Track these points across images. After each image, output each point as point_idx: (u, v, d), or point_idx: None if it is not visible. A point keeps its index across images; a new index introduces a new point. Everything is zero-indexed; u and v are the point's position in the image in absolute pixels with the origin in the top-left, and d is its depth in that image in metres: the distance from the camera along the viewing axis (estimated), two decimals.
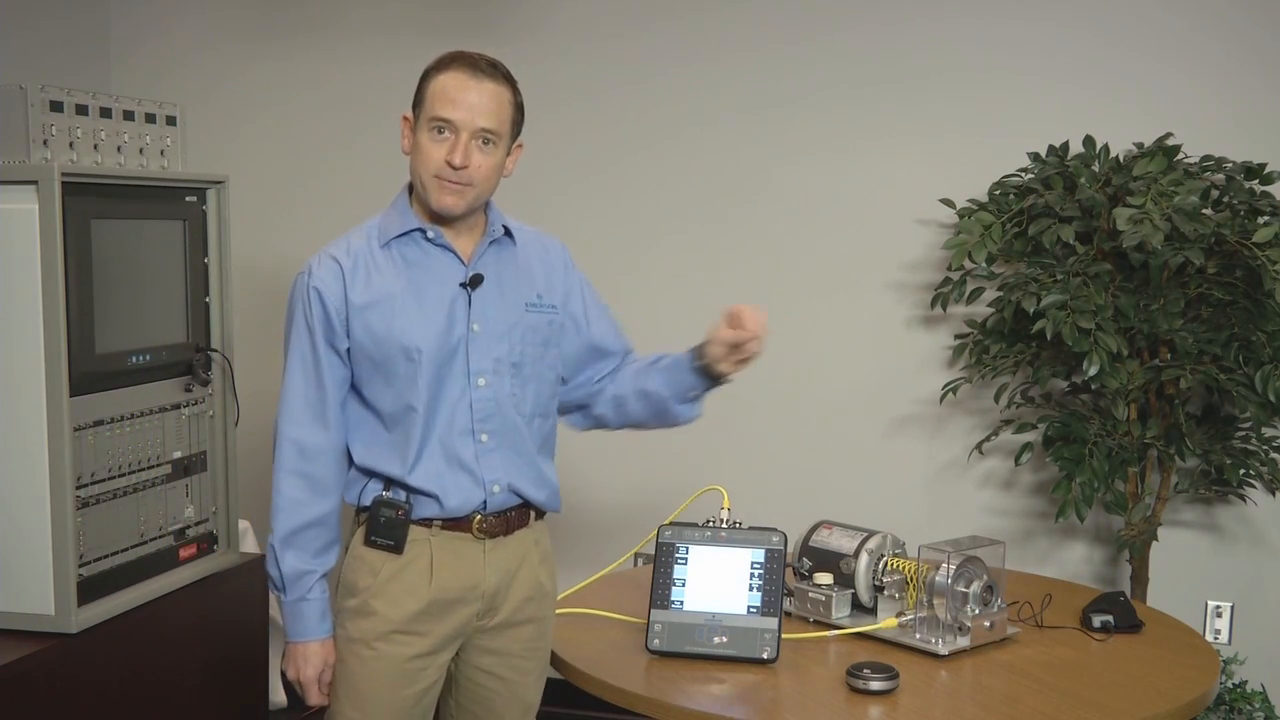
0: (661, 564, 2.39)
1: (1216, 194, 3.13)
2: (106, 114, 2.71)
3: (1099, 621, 2.51)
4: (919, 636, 2.39)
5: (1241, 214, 3.07)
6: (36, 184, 2.43)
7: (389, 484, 2.15)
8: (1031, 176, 3.28)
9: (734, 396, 3.72)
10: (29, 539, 2.48)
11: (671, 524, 2.44)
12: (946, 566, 2.37)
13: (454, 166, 2.08)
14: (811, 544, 2.61)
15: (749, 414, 3.72)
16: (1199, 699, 2.22)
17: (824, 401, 3.68)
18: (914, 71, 3.54)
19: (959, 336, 3.39)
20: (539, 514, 2.28)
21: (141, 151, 2.81)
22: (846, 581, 2.53)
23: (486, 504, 2.17)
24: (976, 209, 3.24)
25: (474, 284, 2.16)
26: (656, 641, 2.34)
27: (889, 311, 3.62)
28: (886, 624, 2.45)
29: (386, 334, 2.11)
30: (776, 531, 2.41)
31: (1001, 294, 3.22)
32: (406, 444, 2.13)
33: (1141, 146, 3.21)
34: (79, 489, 2.52)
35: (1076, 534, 3.53)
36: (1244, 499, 3.26)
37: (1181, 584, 3.39)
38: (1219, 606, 3.45)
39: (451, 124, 2.08)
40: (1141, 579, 3.27)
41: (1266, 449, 3.13)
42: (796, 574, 2.61)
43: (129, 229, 2.66)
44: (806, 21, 3.61)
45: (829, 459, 3.67)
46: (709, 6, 3.67)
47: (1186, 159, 3.18)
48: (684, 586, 2.37)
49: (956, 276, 3.29)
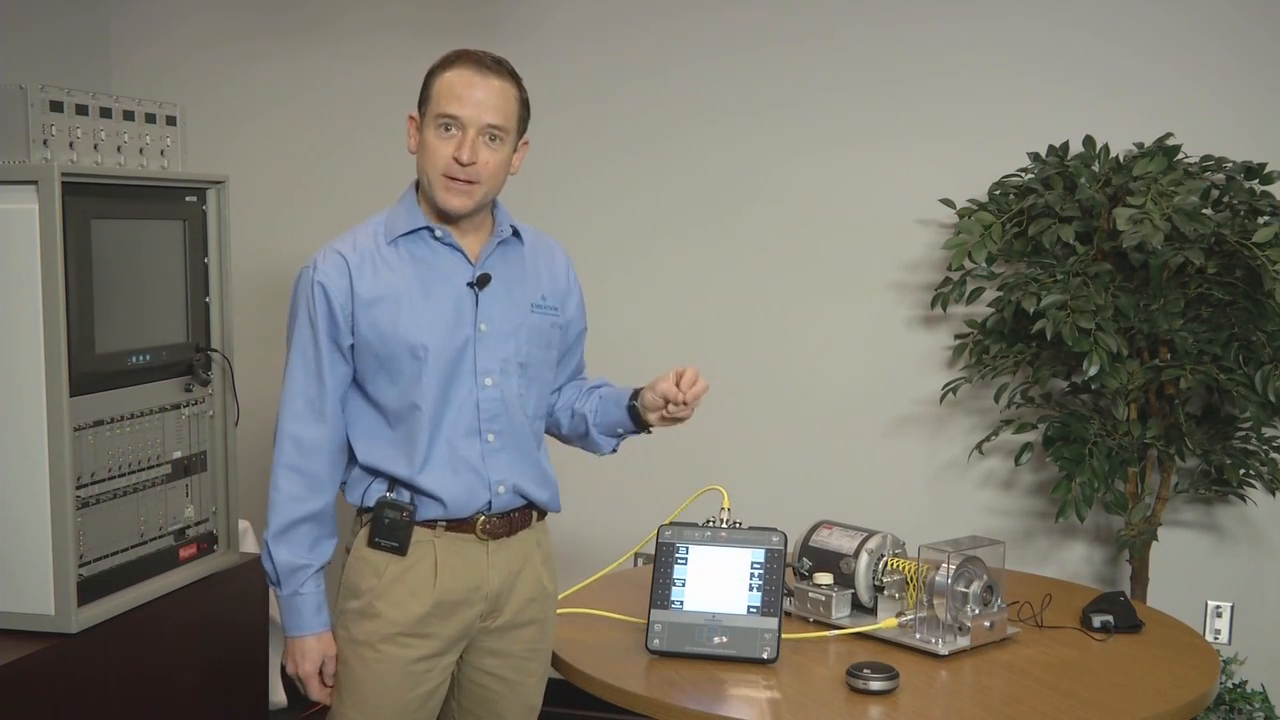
0: (661, 564, 2.39)
1: (1216, 194, 3.13)
2: (106, 114, 2.71)
3: (1099, 621, 2.51)
4: (919, 636, 2.39)
5: (1241, 214, 3.07)
6: (36, 184, 2.43)
7: (393, 485, 2.14)
8: (1031, 176, 3.28)
9: (734, 396, 3.75)
10: (29, 539, 2.48)
11: (671, 524, 2.44)
12: (946, 566, 2.37)
13: (461, 163, 2.07)
14: (811, 544, 2.61)
15: (749, 414, 3.72)
16: (1199, 699, 2.22)
17: (824, 401, 3.68)
18: (914, 71, 3.54)
19: (959, 336, 3.39)
20: (540, 514, 2.28)
21: (141, 151, 2.81)
22: (846, 581, 2.53)
23: (491, 504, 2.16)
24: (976, 209, 3.24)
25: (481, 284, 2.15)
26: (656, 641, 2.34)
27: (889, 311, 3.62)
28: (886, 624, 2.45)
29: (393, 331, 2.11)
30: (776, 531, 2.40)
31: (1001, 294, 3.22)
32: (411, 443, 2.12)
33: (1141, 146, 3.21)
34: (79, 489, 2.52)
35: (1076, 534, 3.53)
36: (1244, 499, 3.26)
37: (1181, 584, 3.39)
38: (1219, 606, 3.45)
39: (458, 120, 2.08)
40: (1141, 579, 3.27)
41: (1266, 449, 3.13)
42: (796, 574, 2.61)
43: (129, 229, 2.66)
44: (806, 21, 3.60)
45: (829, 459, 3.67)
46: (709, 6, 3.67)
47: (1186, 159, 3.17)
48: (684, 586, 2.37)
49: (956, 276, 3.29)
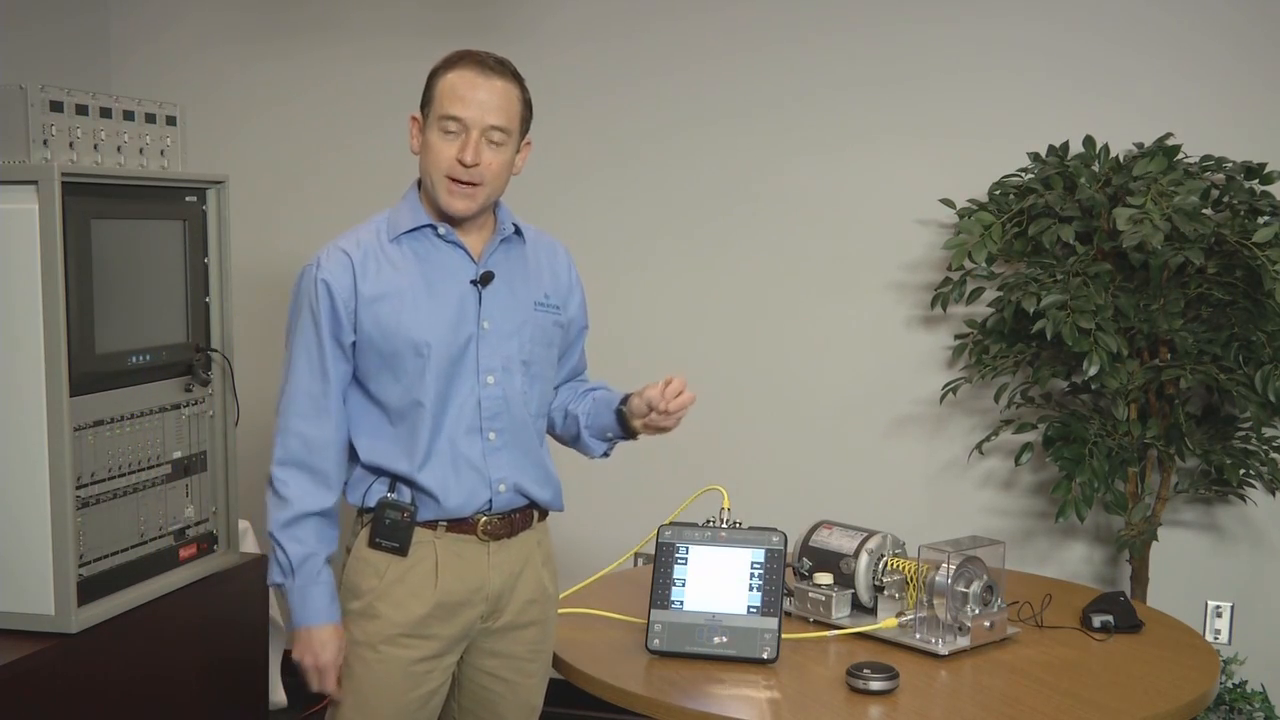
0: (661, 564, 2.39)
1: (1216, 194, 3.13)
2: (106, 114, 2.71)
3: (1099, 621, 2.51)
4: (919, 636, 2.39)
5: (1241, 214, 3.07)
6: (36, 184, 2.43)
7: (394, 485, 2.14)
8: (1031, 176, 3.28)
9: (734, 396, 3.75)
10: (29, 539, 2.48)
11: (671, 524, 2.44)
12: (946, 566, 2.37)
13: (465, 164, 2.08)
14: (811, 544, 2.61)
15: (749, 414, 3.72)
16: (1199, 699, 2.22)
17: (824, 401, 3.68)
18: (914, 71, 3.54)
19: (959, 336, 3.39)
20: (542, 515, 2.27)
21: (141, 151, 2.81)
22: (846, 581, 2.53)
23: (492, 504, 2.16)
24: (976, 209, 3.24)
25: (484, 281, 2.15)
26: (656, 641, 2.34)
27: (889, 311, 3.62)
28: (886, 624, 2.45)
29: (396, 328, 2.10)
30: (776, 531, 2.40)
31: (1001, 294, 3.22)
32: (413, 440, 2.12)
33: (1141, 146, 3.21)
34: (79, 489, 2.52)
35: (1076, 534, 3.53)
36: (1244, 499, 3.26)
37: (1181, 584, 3.39)
38: (1219, 606, 3.45)
39: (461, 122, 2.08)
40: (1141, 579, 3.27)
41: (1266, 449, 3.13)
42: (796, 574, 2.61)
43: (129, 229, 2.66)
44: (806, 21, 3.60)
45: (829, 459, 3.67)
46: (709, 6, 3.67)
47: (1186, 159, 3.17)
48: (684, 586, 2.37)
49: (956, 276, 3.29)
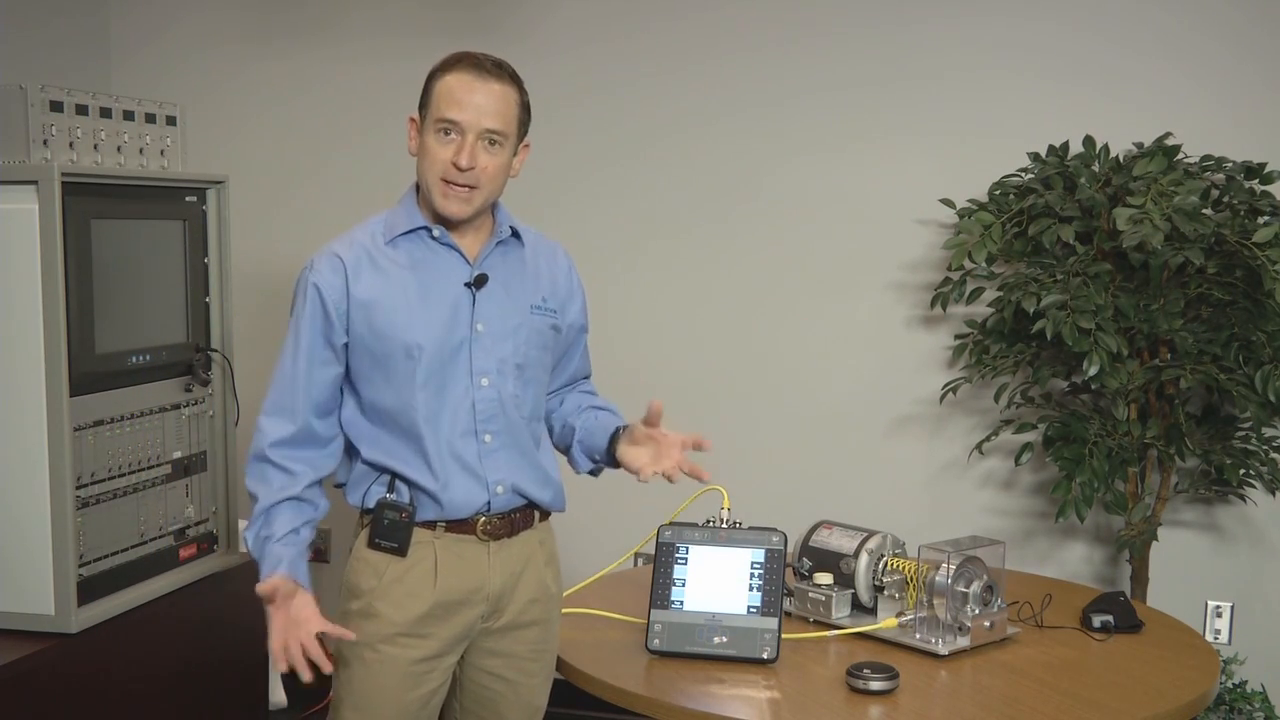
0: (661, 564, 2.39)
1: (1216, 194, 3.13)
2: (106, 114, 2.71)
3: (1099, 621, 2.51)
4: (919, 636, 2.39)
5: (1241, 214, 3.07)
6: (36, 184, 2.44)
7: (392, 485, 2.15)
8: (1031, 176, 3.28)
9: (734, 396, 3.75)
10: (29, 539, 2.48)
11: (671, 524, 2.44)
12: (946, 566, 2.37)
13: (460, 168, 2.07)
14: (811, 544, 2.61)
15: (749, 414, 3.72)
16: (1199, 699, 2.22)
17: (824, 401, 3.68)
18: (914, 71, 3.54)
19: (959, 336, 3.39)
20: (544, 515, 2.27)
21: (141, 151, 2.81)
22: (846, 581, 2.53)
23: (490, 505, 2.16)
24: (976, 209, 3.24)
25: (479, 284, 2.15)
26: (656, 641, 2.34)
27: (889, 311, 3.62)
28: (886, 624, 2.45)
29: (388, 330, 2.11)
30: (776, 531, 2.40)
31: (1001, 294, 3.21)
32: (409, 442, 2.12)
33: (1141, 146, 3.21)
34: (79, 489, 2.52)
35: (1076, 534, 3.53)
36: (1244, 499, 3.26)
37: (1181, 584, 3.39)
38: (1219, 606, 3.45)
39: (458, 125, 2.07)
40: (1141, 579, 3.27)
41: (1266, 449, 3.13)
42: (796, 574, 2.61)
43: (129, 229, 2.66)
44: (806, 21, 3.60)
45: (829, 459, 3.66)
46: (709, 6, 3.67)
47: (1186, 159, 3.17)
48: (684, 586, 2.37)
49: (956, 276, 3.29)
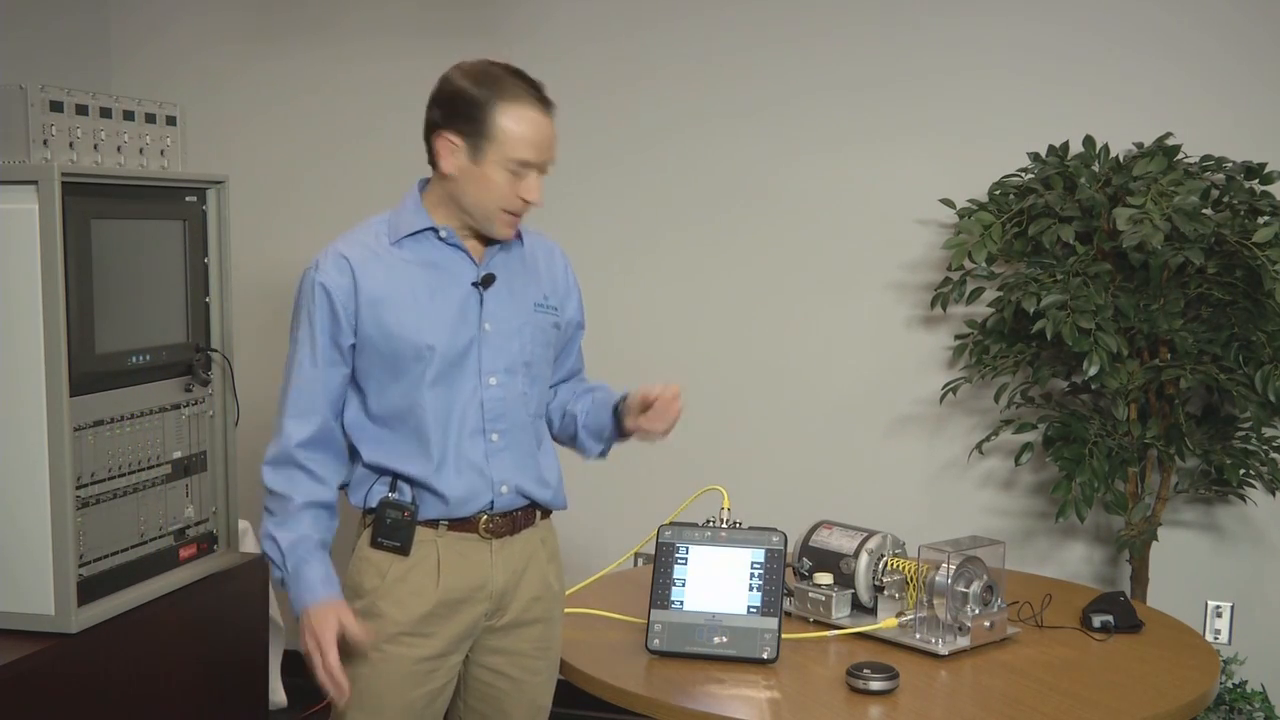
0: (661, 564, 2.39)
1: (1216, 194, 3.13)
2: (106, 114, 2.71)
3: (1099, 621, 2.51)
4: (919, 636, 2.39)
5: (1241, 214, 3.07)
6: (36, 184, 2.43)
7: (394, 484, 2.15)
8: (1031, 176, 3.28)
9: (734, 396, 3.75)
10: (29, 539, 2.48)
11: (671, 524, 2.44)
12: (946, 566, 2.37)
13: (530, 202, 2.10)
14: (811, 544, 2.61)
15: (749, 414, 3.72)
16: (1199, 699, 2.22)
17: (824, 401, 3.68)
18: (914, 71, 3.54)
19: (959, 336, 3.39)
20: (545, 513, 2.27)
21: (141, 151, 2.81)
22: (846, 581, 2.53)
23: (494, 504, 2.17)
24: (976, 209, 3.24)
25: (486, 283, 2.16)
26: (656, 641, 2.34)
27: (889, 311, 3.62)
28: (886, 624, 2.45)
29: (398, 331, 2.10)
30: (776, 531, 2.40)
31: (1001, 294, 3.22)
32: (415, 442, 2.12)
33: (1141, 146, 3.21)
34: (79, 489, 2.52)
35: (1076, 534, 3.53)
36: (1244, 499, 3.26)
37: (1181, 584, 3.39)
38: (1219, 606, 3.45)
39: (532, 164, 2.09)
40: (1141, 579, 3.27)
41: (1266, 449, 3.13)
42: (796, 574, 2.61)
43: (129, 229, 2.66)
44: (806, 21, 3.60)
45: (829, 459, 3.67)
46: (709, 6, 3.67)
47: (1186, 159, 3.17)
48: (684, 586, 2.37)
49: (956, 276, 3.29)
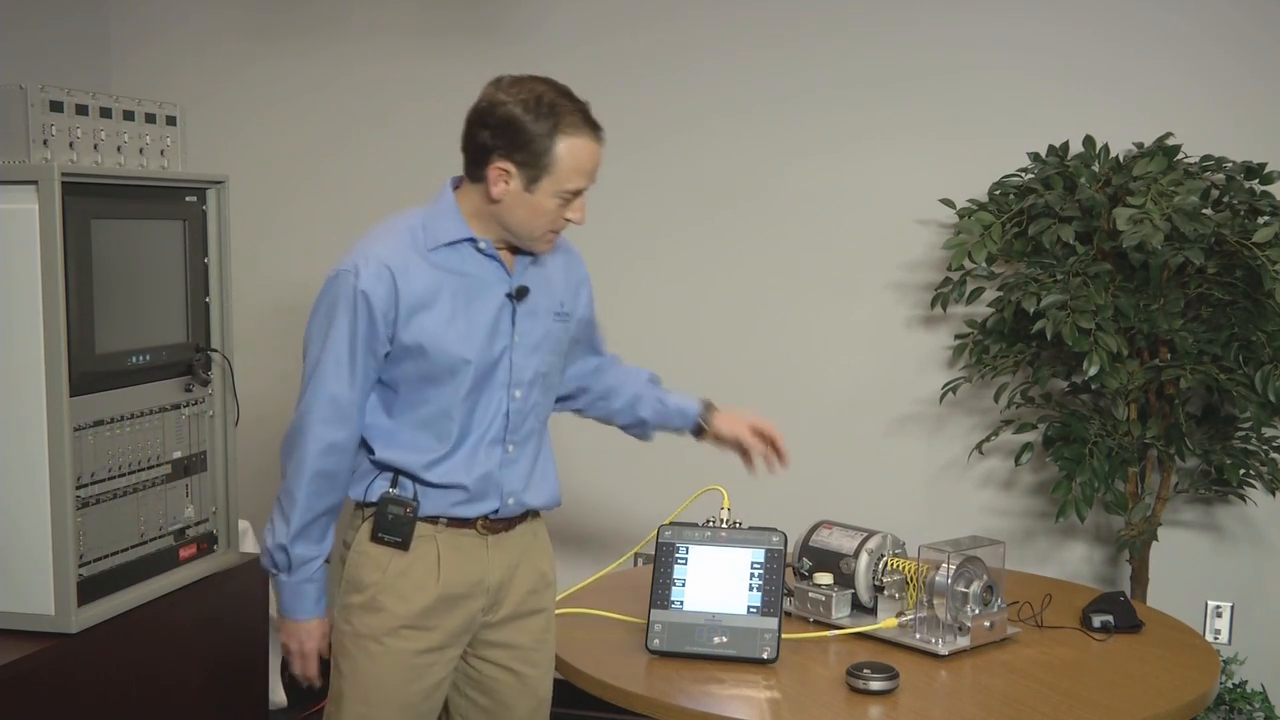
0: (661, 564, 2.39)
1: (1216, 194, 3.13)
2: (106, 114, 2.71)
3: (1099, 621, 2.51)
4: (919, 636, 2.39)
5: (1241, 214, 3.07)
6: (36, 184, 2.43)
7: (396, 479, 2.15)
8: (1031, 176, 3.28)
9: (734, 396, 3.73)
10: (29, 539, 2.48)
11: (671, 524, 2.44)
12: (946, 566, 2.37)
13: (574, 223, 2.15)
14: (811, 544, 2.61)
15: None
16: (1199, 699, 2.22)
17: (824, 401, 3.67)
18: (914, 71, 3.54)
19: (959, 336, 3.39)
20: (537, 511, 2.29)
21: (141, 151, 2.81)
22: (846, 581, 2.53)
23: (498, 511, 2.19)
24: (976, 209, 3.24)
25: (520, 296, 2.16)
26: (656, 641, 2.34)
27: (889, 311, 3.62)
28: (886, 624, 2.45)
29: (437, 341, 2.10)
30: (776, 531, 2.41)
31: (1001, 294, 3.22)
32: (435, 447, 2.14)
33: (1141, 146, 3.21)
34: (79, 489, 2.52)
35: (1076, 534, 3.53)
36: (1244, 499, 3.26)
37: (1181, 584, 3.39)
38: (1219, 606, 3.45)
39: (583, 190, 2.13)
40: (1141, 579, 3.27)
41: (1266, 449, 3.13)
42: (796, 574, 2.61)
43: (129, 229, 2.66)
44: (807, 21, 3.60)
45: (829, 459, 3.66)
46: (709, 6, 3.67)
47: (1186, 159, 3.17)
48: (684, 586, 2.37)
49: (956, 276, 3.29)
